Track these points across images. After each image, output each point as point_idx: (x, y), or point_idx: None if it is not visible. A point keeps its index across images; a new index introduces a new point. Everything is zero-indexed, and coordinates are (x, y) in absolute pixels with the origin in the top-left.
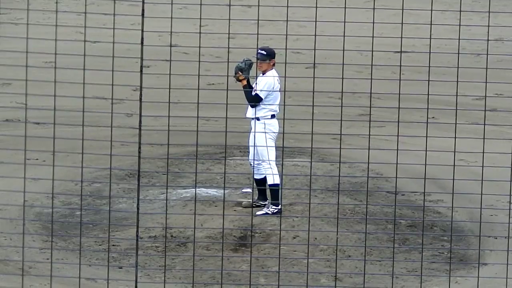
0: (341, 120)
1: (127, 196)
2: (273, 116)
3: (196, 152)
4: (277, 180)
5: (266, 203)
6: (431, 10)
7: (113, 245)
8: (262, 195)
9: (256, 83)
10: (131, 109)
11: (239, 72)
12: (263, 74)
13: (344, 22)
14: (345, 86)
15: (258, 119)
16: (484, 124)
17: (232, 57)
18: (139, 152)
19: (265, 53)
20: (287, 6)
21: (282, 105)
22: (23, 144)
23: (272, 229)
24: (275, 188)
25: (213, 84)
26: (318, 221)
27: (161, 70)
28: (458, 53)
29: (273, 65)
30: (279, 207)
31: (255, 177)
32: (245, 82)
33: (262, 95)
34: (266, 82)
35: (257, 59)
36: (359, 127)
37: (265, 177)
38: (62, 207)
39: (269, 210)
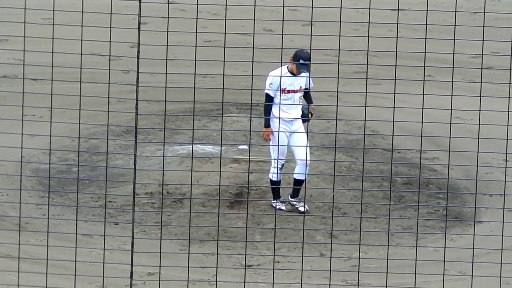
0: (337, 77)
1: (123, 153)
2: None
3: (193, 109)
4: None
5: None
6: None
7: (109, 201)
8: (296, 194)
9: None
10: (128, 65)
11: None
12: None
13: None
14: (342, 44)
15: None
16: (481, 82)
17: (229, 14)
18: (136, 109)
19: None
20: None
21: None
22: (20, 100)
23: (268, 186)
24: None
25: (210, 41)
26: (314, 178)
27: (158, 27)
28: (455, 11)
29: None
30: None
31: (299, 177)
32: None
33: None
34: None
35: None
36: (355, 84)
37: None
38: (59, 163)
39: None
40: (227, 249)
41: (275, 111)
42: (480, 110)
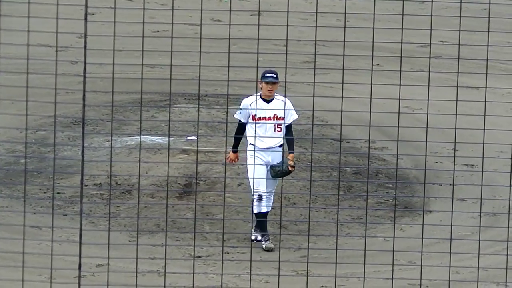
0: (285, 67)
1: (71, 144)
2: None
3: (141, 99)
4: None
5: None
6: None
7: (57, 193)
8: (262, 228)
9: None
10: (76, 56)
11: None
12: (271, 100)
13: None
14: (290, 33)
15: (281, 146)
16: (429, 72)
17: (177, 4)
18: (84, 100)
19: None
20: None
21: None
22: None
23: (217, 177)
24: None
25: (158, 31)
26: None
27: (105, 18)
28: (403, 0)
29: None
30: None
31: (264, 210)
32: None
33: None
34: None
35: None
36: (304, 74)
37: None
38: (6, 155)
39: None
40: (176, 240)
41: (250, 139)
42: (428, 100)
